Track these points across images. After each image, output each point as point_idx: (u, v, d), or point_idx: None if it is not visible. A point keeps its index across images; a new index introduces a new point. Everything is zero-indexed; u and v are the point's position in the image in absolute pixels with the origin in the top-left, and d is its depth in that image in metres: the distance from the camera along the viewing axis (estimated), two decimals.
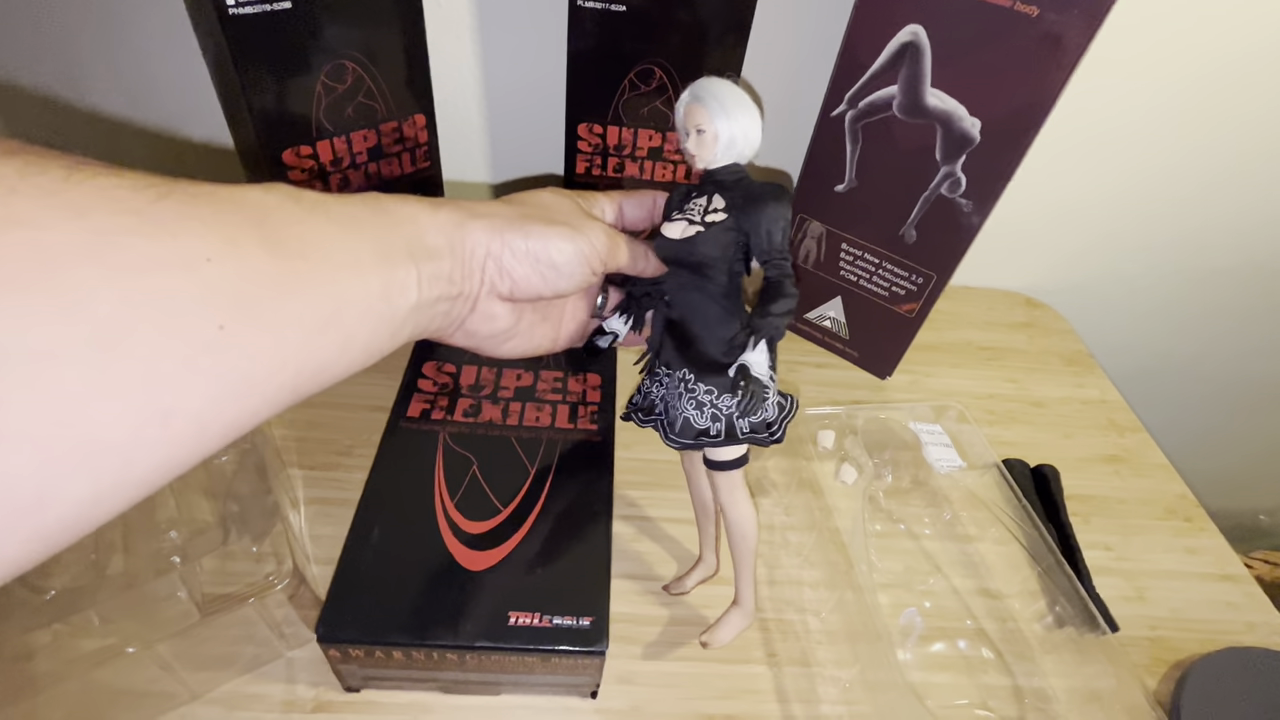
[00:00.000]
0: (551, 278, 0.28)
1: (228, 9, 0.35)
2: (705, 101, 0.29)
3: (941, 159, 0.43)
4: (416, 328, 0.25)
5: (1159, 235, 0.67)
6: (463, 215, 0.26)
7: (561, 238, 0.28)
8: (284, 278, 0.19)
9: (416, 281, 0.24)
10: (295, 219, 0.20)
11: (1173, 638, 0.42)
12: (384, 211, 0.24)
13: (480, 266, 0.27)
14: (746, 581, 0.34)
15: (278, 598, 0.32)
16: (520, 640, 0.30)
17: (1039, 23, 0.36)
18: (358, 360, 0.22)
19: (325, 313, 0.20)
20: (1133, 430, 0.56)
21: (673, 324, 0.32)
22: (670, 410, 0.32)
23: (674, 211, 0.32)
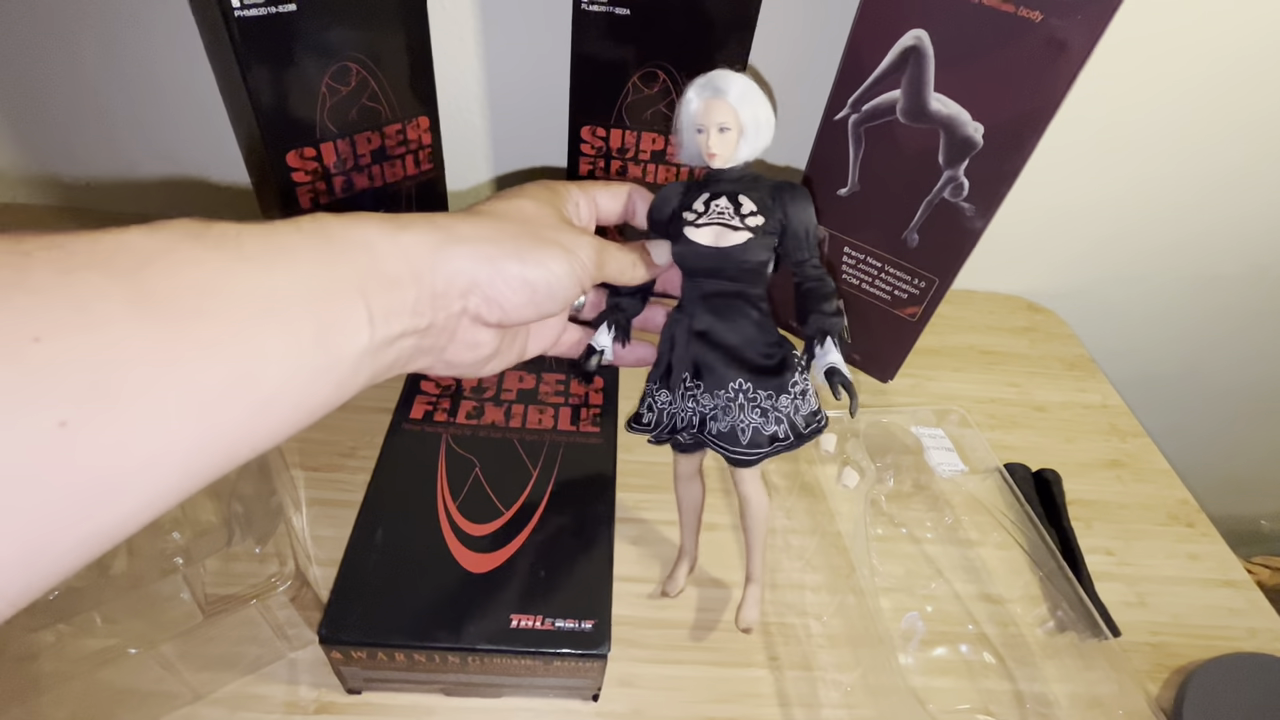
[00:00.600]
0: (543, 302, 0.26)
1: (234, 11, 0.36)
2: (729, 95, 0.28)
3: (944, 163, 0.43)
4: (376, 371, 0.22)
5: (1160, 240, 0.67)
6: (438, 238, 0.23)
7: (556, 260, 0.25)
8: (161, 341, 0.15)
9: (368, 319, 0.20)
10: (190, 261, 0.17)
11: (1174, 643, 0.42)
12: (326, 238, 0.20)
13: (461, 294, 0.24)
14: (761, 558, 0.35)
15: (280, 599, 0.32)
16: (522, 643, 0.31)
17: (1043, 28, 0.37)
18: (290, 421, 0.19)
19: (226, 376, 0.16)
20: (1134, 435, 0.56)
21: (702, 335, 0.30)
22: (721, 423, 0.30)
23: (686, 213, 0.29)
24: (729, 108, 0.28)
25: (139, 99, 0.56)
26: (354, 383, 0.21)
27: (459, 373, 0.27)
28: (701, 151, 0.29)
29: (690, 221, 0.29)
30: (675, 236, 0.29)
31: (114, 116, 0.57)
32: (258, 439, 0.18)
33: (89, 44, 0.53)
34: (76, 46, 0.53)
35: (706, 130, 0.28)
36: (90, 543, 0.15)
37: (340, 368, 0.20)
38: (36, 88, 0.55)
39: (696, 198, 0.30)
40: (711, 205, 0.29)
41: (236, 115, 0.43)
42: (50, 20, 0.52)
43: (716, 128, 0.28)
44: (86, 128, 0.58)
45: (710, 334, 0.30)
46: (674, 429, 0.31)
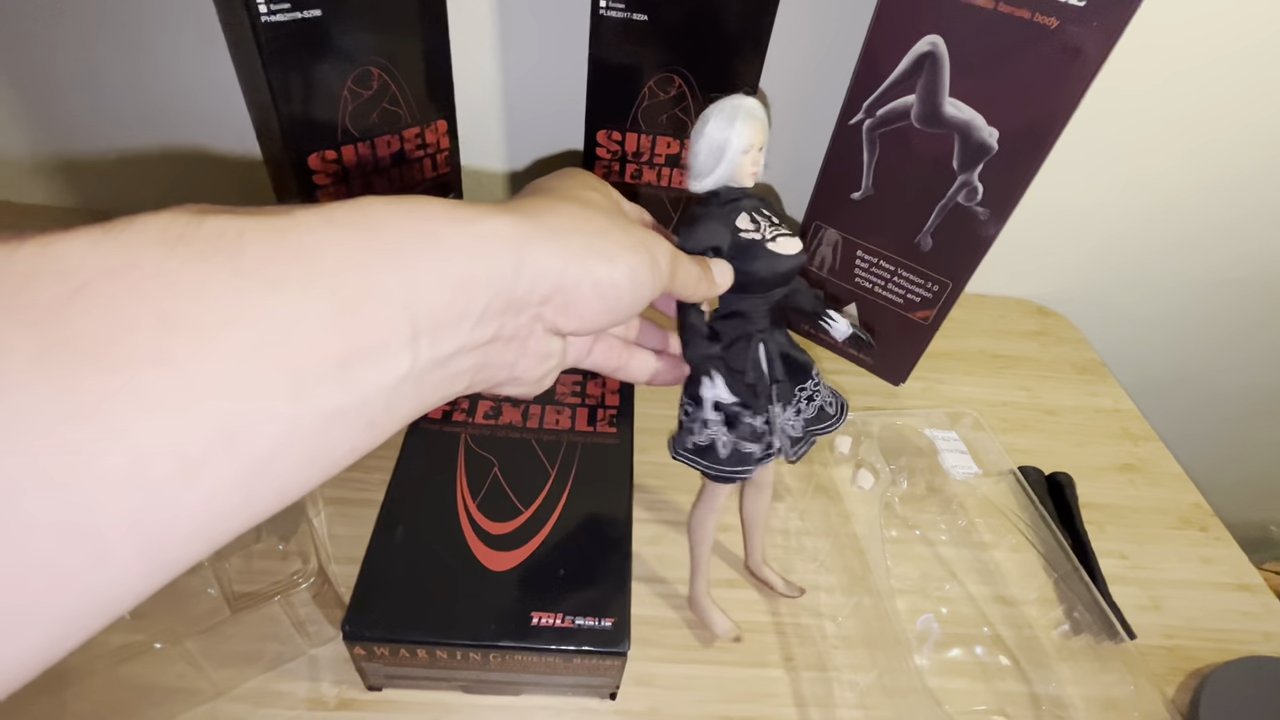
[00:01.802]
0: (620, 311, 0.22)
1: (260, 16, 0.36)
2: (761, 118, 0.29)
3: (959, 168, 0.44)
4: (423, 399, 0.17)
5: (1171, 243, 0.67)
6: (525, 229, 0.19)
7: (640, 262, 0.21)
8: (80, 414, 0.11)
9: (410, 337, 0.16)
10: (154, 281, 0.12)
11: (1189, 647, 0.42)
12: (370, 230, 0.16)
13: (541, 299, 0.19)
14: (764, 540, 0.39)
15: (303, 596, 0.32)
16: (543, 640, 0.31)
17: (1058, 34, 0.37)
18: (299, 480, 0.15)
19: (191, 446, 0.12)
20: (1147, 439, 0.56)
21: (778, 343, 0.31)
22: (808, 412, 0.32)
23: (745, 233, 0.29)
24: (764, 127, 0.30)
25: (160, 99, 0.57)
26: (390, 419, 0.16)
27: (522, 390, 0.23)
28: (743, 172, 0.29)
29: (761, 238, 0.29)
30: (754, 255, 0.29)
31: (133, 117, 0.58)
32: (247, 513, 0.14)
33: (111, 47, 0.54)
34: (98, 49, 0.54)
35: (751, 150, 0.29)
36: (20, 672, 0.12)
37: (370, 406, 0.15)
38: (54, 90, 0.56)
39: (735, 216, 0.30)
40: (759, 220, 0.30)
41: (260, 118, 0.44)
42: (74, 24, 0.53)
43: (758, 148, 0.29)
44: (105, 130, 0.58)
45: (782, 340, 0.31)
46: (793, 442, 0.32)
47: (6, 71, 0.55)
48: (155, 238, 0.13)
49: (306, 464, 0.15)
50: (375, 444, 0.17)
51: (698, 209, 0.30)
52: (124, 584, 0.12)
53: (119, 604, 0.12)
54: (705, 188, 0.30)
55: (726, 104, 0.29)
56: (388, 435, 0.17)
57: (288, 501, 0.15)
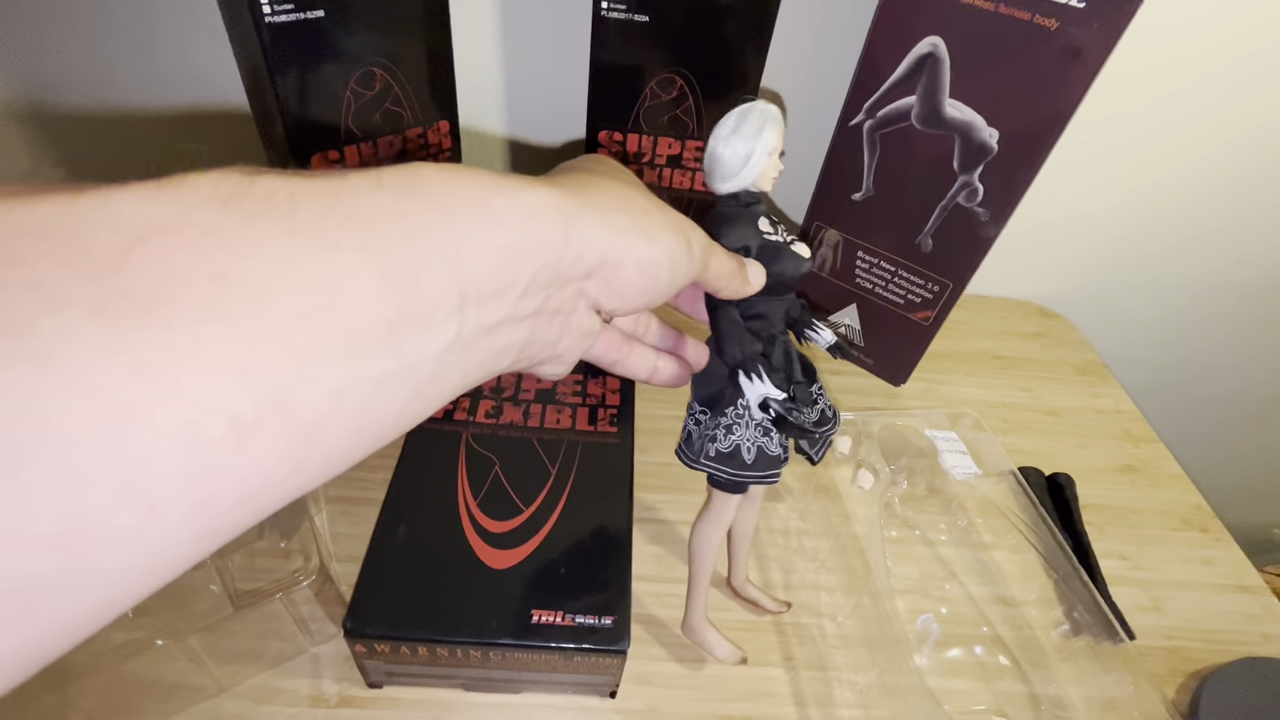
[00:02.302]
0: (659, 291, 0.22)
1: (264, 17, 0.36)
2: (783, 127, 0.30)
3: (959, 169, 0.44)
4: (468, 372, 0.17)
5: (1171, 245, 0.67)
6: (573, 201, 0.18)
7: (682, 247, 0.22)
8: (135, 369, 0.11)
9: (458, 304, 0.16)
10: (209, 238, 0.12)
11: (1189, 648, 0.42)
12: (422, 195, 0.16)
13: (586, 274, 0.19)
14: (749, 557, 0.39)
15: (305, 593, 0.33)
16: (543, 638, 0.31)
17: (1059, 35, 0.37)
18: (347, 450, 0.15)
19: (244, 406, 0.12)
20: (1147, 441, 0.56)
21: (790, 346, 0.31)
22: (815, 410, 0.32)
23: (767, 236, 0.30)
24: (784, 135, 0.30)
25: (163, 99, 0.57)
26: (437, 390, 0.16)
27: (558, 371, 0.23)
28: (766, 175, 0.30)
29: (784, 241, 0.30)
30: (779, 257, 0.29)
31: (135, 117, 0.58)
32: (295, 481, 0.14)
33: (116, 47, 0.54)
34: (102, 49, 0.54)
35: (773, 156, 0.29)
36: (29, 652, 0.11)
37: (418, 372, 0.15)
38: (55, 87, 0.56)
39: (757, 220, 0.30)
40: (776, 225, 0.30)
41: (263, 117, 0.44)
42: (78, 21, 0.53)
43: (779, 153, 0.30)
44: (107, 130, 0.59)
45: (790, 343, 0.32)
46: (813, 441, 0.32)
47: (9, 72, 0.55)
48: (208, 195, 0.13)
49: (353, 432, 0.14)
50: (422, 416, 0.16)
51: (726, 209, 0.30)
52: (173, 546, 0.12)
53: (167, 567, 0.12)
54: (728, 189, 0.30)
55: (754, 110, 0.29)
56: (434, 408, 0.17)
57: (335, 472, 0.15)
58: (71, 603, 0.11)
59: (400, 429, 0.16)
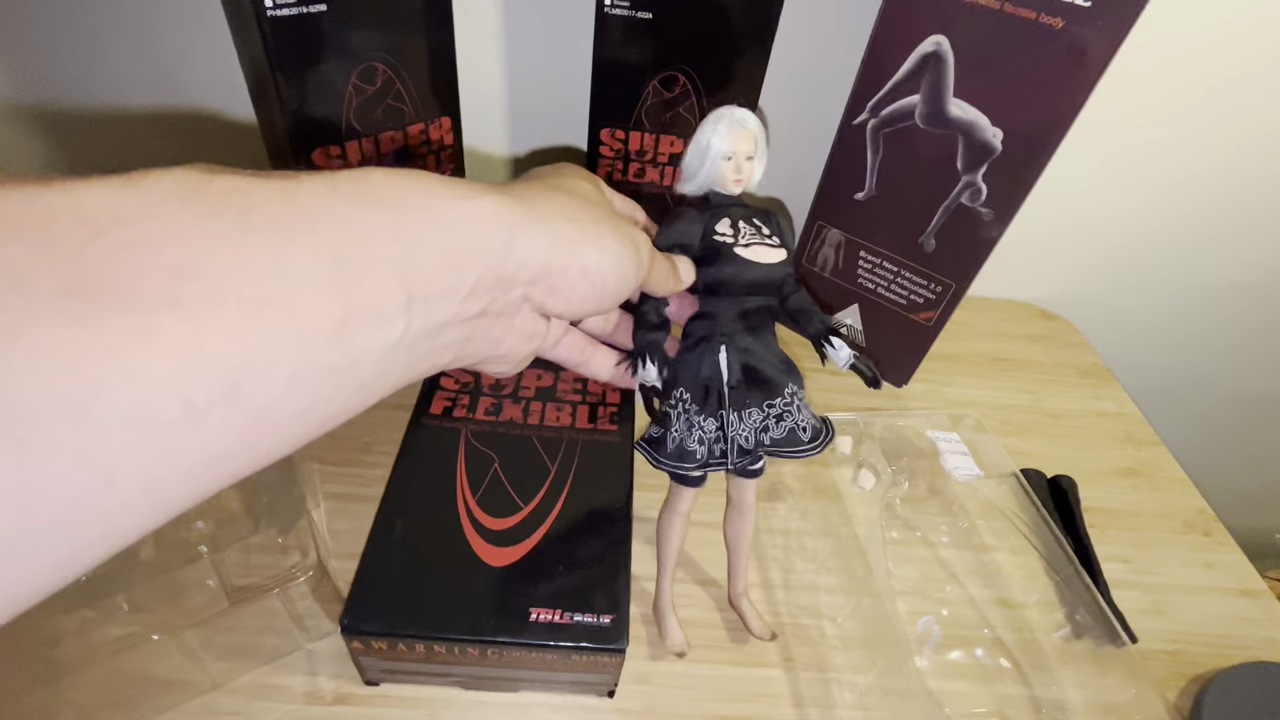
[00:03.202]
0: (606, 297, 0.23)
1: (266, 11, 0.36)
2: (752, 128, 0.31)
3: (963, 169, 0.44)
4: (413, 367, 0.18)
5: (1174, 247, 0.67)
6: (519, 211, 0.20)
7: (627, 253, 0.23)
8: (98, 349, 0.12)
9: (404, 304, 0.17)
10: (168, 231, 0.13)
11: (1191, 652, 0.42)
12: (371, 200, 0.17)
13: (529, 279, 0.20)
14: (747, 570, 0.37)
15: (301, 589, 0.32)
16: (541, 636, 0.31)
17: (1064, 34, 0.37)
18: (291, 436, 0.15)
19: (198, 390, 0.13)
20: (1150, 444, 0.56)
21: (745, 352, 0.31)
22: (776, 430, 0.31)
23: (718, 237, 0.30)
24: (753, 136, 0.31)
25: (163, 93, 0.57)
26: (381, 383, 0.17)
27: (503, 369, 0.24)
28: (725, 179, 0.31)
29: (733, 242, 0.30)
30: (722, 258, 0.30)
31: (135, 112, 0.58)
32: (245, 459, 0.15)
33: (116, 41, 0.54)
34: (103, 42, 0.54)
35: (736, 158, 0.31)
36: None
37: (364, 367, 0.16)
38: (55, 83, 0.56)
39: (716, 222, 0.31)
40: (740, 227, 0.31)
41: (265, 114, 0.44)
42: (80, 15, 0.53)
43: (745, 156, 0.31)
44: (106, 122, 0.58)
45: (752, 349, 0.31)
46: (741, 452, 0.31)
47: (12, 66, 0.55)
48: (169, 191, 0.14)
49: (301, 418, 0.15)
50: (364, 406, 0.17)
51: (679, 209, 0.31)
52: (127, 515, 0.13)
53: (120, 535, 0.13)
54: (689, 191, 0.32)
55: (717, 111, 0.31)
56: (377, 399, 0.18)
57: (282, 453, 0.16)
58: (28, 562, 0.12)
59: (344, 417, 0.17)
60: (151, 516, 0.14)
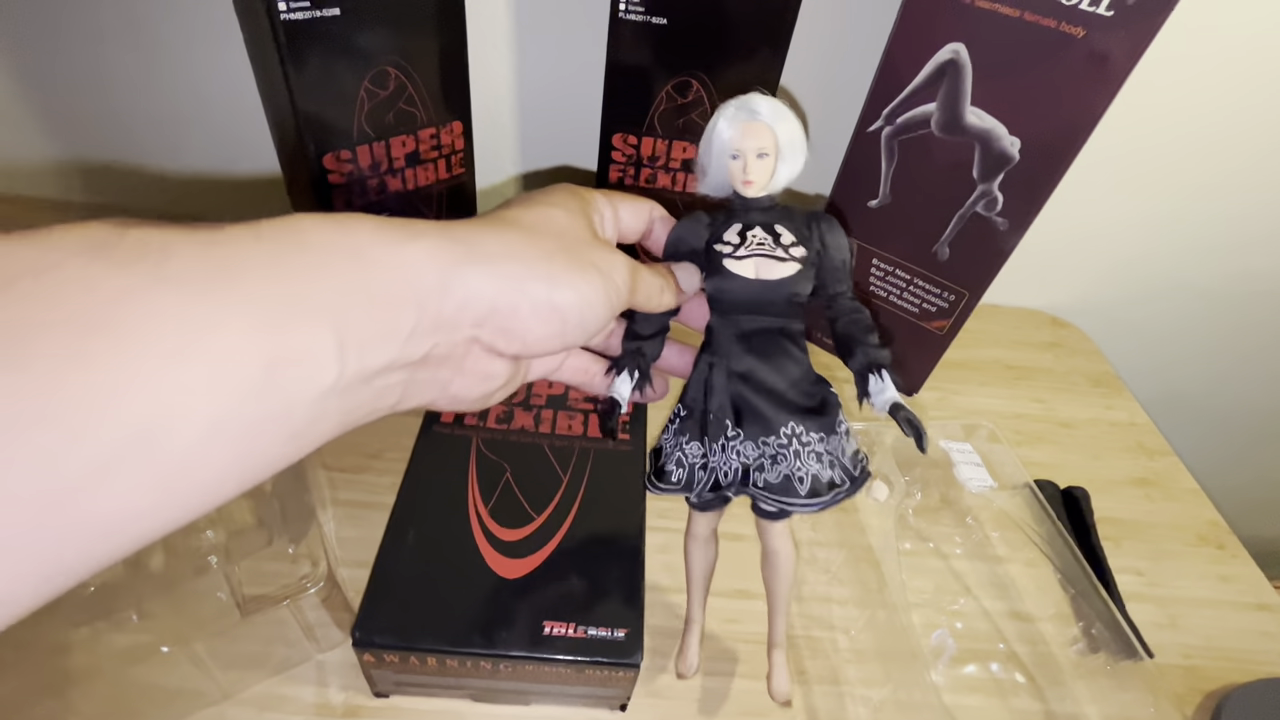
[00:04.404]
0: (571, 333, 0.22)
1: (279, 15, 0.36)
2: (763, 116, 0.26)
3: (979, 177, 0.43)
4: (350, 414, 0.18)
5: (1186, 255, 0.67)
6: (456, 253, 0.19)
7: (591, 284, 0.22)
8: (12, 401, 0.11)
9: (336, 350, 0.16)
10: (78, 283, 0.13)
11: (1207, 667, 0.42)
12: (298, 245, 0.16)
13: (475, 322, 0.20)
14: (785, 620, 0.32)
15: (312, 600, 0.32)
16: (555, 650, 0.30)
17: (1085, 43, 0.36)
18: (213, 490, 0.15)
19: (106, 446, 0.12)
20: (1162, 454, 0.56)
21: (743, 378, 0.27)
22: (771, 473, 0.26)
23: (718, 245, 0.27)
24: (766, 130, 0.27)
25: (175, 96, 0.57)
26: (315, 432, 0.17)
27: (464, 408, 0.23)
28: (735, 179, 0.27)
29: (729, 253, 0.27)
30: (714, 269, 0.27)
31: (146, 114, 0.58)
32: (168, 514, 0.14)
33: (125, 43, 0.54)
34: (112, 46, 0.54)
35: (743, 156, 0.27)
36: None
37: (294, 416, 0.16)
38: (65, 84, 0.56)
39: (727, 228, 0.28)
40: (748, 236, 0.27)
41: (275, 116, 0.44)
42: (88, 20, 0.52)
43: (754, 153, 0.27)
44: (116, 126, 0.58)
45: (752, 376, 0.27)
46: (715, 485, 0.27)
47: (18, 67, 0.54)
48: (78, 244, 0.13)
49: (224, 471, 0.15)
50: (298, 456, 0.17)
51: (692, 212, 0.29)
52: (21, 581, 0.12)
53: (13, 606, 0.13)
54: (705, 192, 0.29)
55: (730, 102, 0.27)
56: (313, 447, 0.17)
57: (211, 505, 0.15)
58: None
59: (277, 466, 0.16)
60: (52, 584, 0.13)
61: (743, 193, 0.28)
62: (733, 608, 0.40)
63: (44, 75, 0.55)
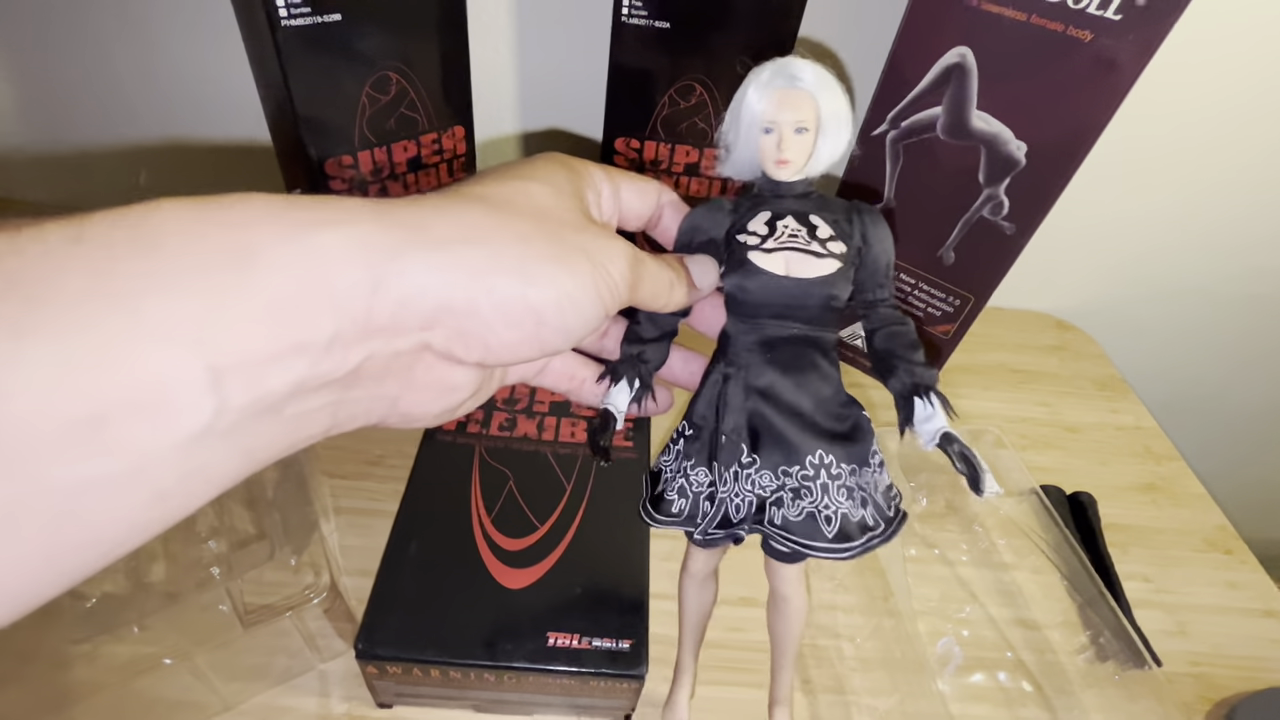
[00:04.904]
0: (550, 337, 0.18)
1: (280, 20, 0.36)
2: (805, 82, 0.22)
3: (984, 181, 0.43)
4: (248, 458, 0.14)
5: (1192, 258, 0.66)
6: (392, 238, 0.15)
7: (577, 277, 0.18)
8: None
9: (209, 381, 0.13)
10: None
11: (1216, 674, 0.41)
12: (150, 248, 0.12)
13: (422, 324, 0.16)
14: (792, 674, 0.29)
15: (315, 611, 0.32)
16: (560, 662, 0.30)
17: (1092, 47, 0.36)
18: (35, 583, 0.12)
19: None
20: (1169, 458, 0.55)
21: (763, 394, 0.23)
22: (792, 509, 0.23)
23: (743, 235, 0.24)
24: (807, 99, 0.22)
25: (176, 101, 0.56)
26: (199, 484, 0.13)
27: (423, 424, 0.20)
28: (766, 158, 0.23)
29: (755, 245, 0.23)
30: (735, 264, 0.23)
31: (147, 121, 0.57)
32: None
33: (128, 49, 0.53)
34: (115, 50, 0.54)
35: (778, 129, 0.22)
36: None
37: (152, 473, 0.12)
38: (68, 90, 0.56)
39: (753, 216, 0.24)
40: (778, 227, 0.23)
41: (277, 122, 0.43)
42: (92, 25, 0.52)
43: (792, 127, 0.22)
44: (119, 131, 0.58)
45: (773, 393, 0.23)
46: (725, 521, 0.24)
47: (22, 69, 0.54)
48: None
49: (49, 556, 0.12)
50: (181, 515, 0.14)
51: (711, 199, 0.25)
52: None
53: None
54: (728, 173, 0.25)
55: (765, 66, 0.23)
56: (202, 501, 0.14)
57: (38, 602, 0.12)
58: None
59: (145, 536, 0.13)
60: None
61: (774, 175, 0.24)
62: (737, 615, 0.40)
63: (45, 78, 0.55)
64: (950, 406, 0.23)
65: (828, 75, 0.23)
